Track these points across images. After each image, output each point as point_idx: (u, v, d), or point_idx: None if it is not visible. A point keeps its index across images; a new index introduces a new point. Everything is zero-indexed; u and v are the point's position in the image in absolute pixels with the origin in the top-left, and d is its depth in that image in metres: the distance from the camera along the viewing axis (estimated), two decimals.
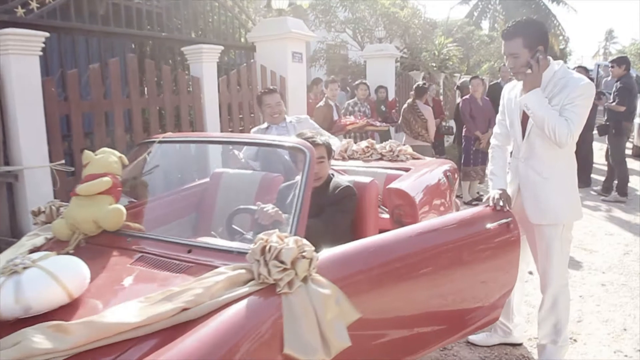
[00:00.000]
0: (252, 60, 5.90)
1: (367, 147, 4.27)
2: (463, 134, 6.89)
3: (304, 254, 1.94)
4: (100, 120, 4.17)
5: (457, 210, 4.21)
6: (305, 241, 2.01)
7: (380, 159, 4.21)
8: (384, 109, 8.88)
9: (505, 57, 2.64)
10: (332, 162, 3.93)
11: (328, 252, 2.12)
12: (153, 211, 2.75)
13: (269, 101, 3.88)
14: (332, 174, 2.99)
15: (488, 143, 6.58)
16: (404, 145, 4.38)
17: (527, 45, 2.52)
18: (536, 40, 2.52)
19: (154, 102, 4.64)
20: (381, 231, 2.61)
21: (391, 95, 9.39)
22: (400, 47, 11.07)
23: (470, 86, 6.80)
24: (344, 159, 4.34)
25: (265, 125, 3.99)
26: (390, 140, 4.32)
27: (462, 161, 6.84)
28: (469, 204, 6.62)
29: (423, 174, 3.58)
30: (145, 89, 4.71)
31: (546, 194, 2.65)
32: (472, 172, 6.73)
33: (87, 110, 4.12)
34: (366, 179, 3.07)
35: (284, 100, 6.15)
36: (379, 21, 10.02)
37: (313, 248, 1.99)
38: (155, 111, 4.66)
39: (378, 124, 7.35)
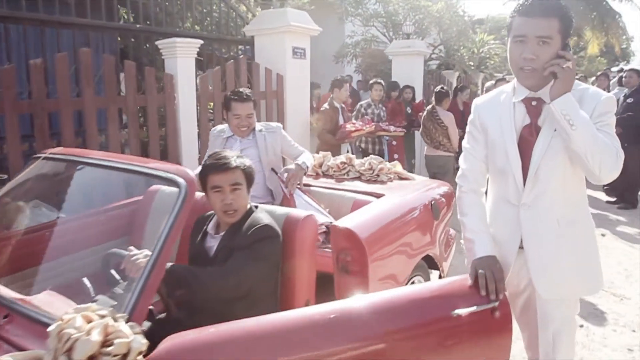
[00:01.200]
0: (240, 55, 5.29)
1: (344, 162, 3.58)
2: None
3: (110, 349, 1.33)
4: (43, 122, 3.68)
5: (450, 246, 3.50)
6: (125, 328, 1.39)
7: (358, 177, 3.52)
8: (409, 111, 8.11)
9: (518, 42, 1.74)
10: (305, 178, 3.34)
11: (179, 340, 1.48)
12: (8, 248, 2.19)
13: (239, 111, 3.24)
14: (254, 207, 2.34)
15: None
16: (391, 162, 3.67)
17: (563, 30, 1.72)
18: (570, 27, 1.76)
19: (113, 103, 4.12)
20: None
21: (418, 95, 8.58)
22: (434, 44, 10.20)
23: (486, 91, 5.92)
24: (317, 175, 3.68)
25: (228, 132, 3.37)
26: (371, 156, 3.61)
27: None
28: None
29: (394, 204, 2.86)
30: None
31: (567, 255, 1.85)
32: None
33: (26, 111, 3.64)
34: (302, 214, 2.40)
35: (280, 101, 5.58)
36: (409, 15, 9.20)
37: (132, 338, 1.37)
38: (113, 113, 4.13)
39: (393, 129, 6.61)
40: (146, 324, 1.85)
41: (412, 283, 2.85)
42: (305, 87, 5.97)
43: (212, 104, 5.04)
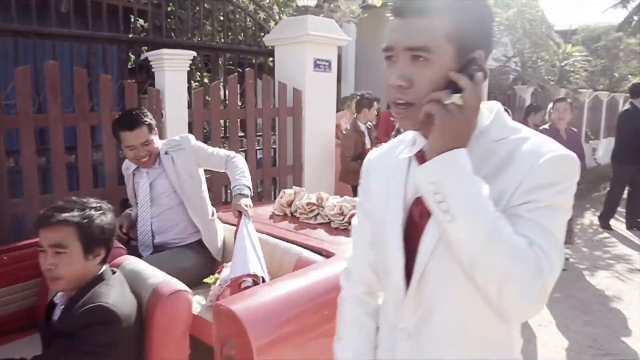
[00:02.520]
0: (247, 69, 4.75)
1: (311, 204, 2.88)
2: None
3: None
4: None
5: None
6: None
7: (328, 223, 2.81)
8: None
9: (388, 60, 1.01)
10: (258, 224, 2.69)
11: None
12: None
13: (131, 141, 2.68)
14: (111, 272, 1.78)
15: None
16: None
17: (458, 36, 0.95)
18: (477, 28, 0.98)
19: (85, 119, 3.72)
20: None
21: None
22: (506, 55, 9.10)
23: (552, 111, 4.90)
24: (284, 215, 3.02)
25: (133, 166, 2.84)
26: (345, 197, 2.88)
27: None
28: None
29: (328, 274, 2.12)
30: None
31: None
32: None
33: None
34: (171, 287, 1.79)
35: (297, 119, 4.92)
36: None
37: None
38: (85, 130, 3.72)
39: None
40: None
41: None
42: (329, 104, 5.31)
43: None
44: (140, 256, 2.79)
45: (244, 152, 4.90)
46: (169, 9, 4.98)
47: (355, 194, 5.27)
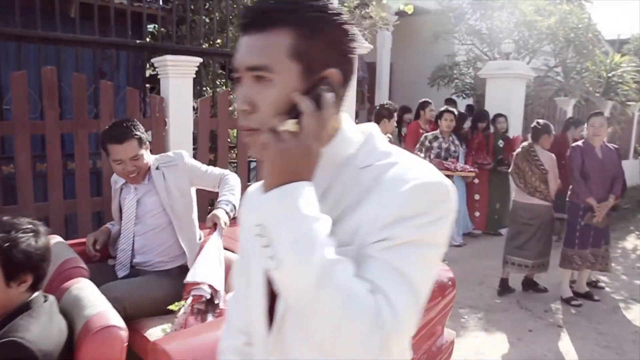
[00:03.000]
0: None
1: None
2: (567, 198, 4.59)
3: None
4: None
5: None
6: None
7: None
8: (501, 144, 6.78)
9: (238, 83, 0.90)
10: (233, 242, 2.49)
11: None
12: None
13: (118, 155, 2.49)
14: (43, 298, 1.61)
15: (606, 217, 4.32)
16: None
17: (299, 55, 0.83)
18: (325, 49, 0.85)
19: (82, 127, 3.61)
20: None
21: (517, 127, 7.17)
22: (548, 65, 8.60)
23: (587, 126, 4.48)
24: None
25: (121, 180, 2.67)
26: None
27: (564, 240, 4.58)
28: (574, 299, 4.44)
29: None
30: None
31: None
32: (577, 259, 4.42)
33: None
34: (106, 320, 1.59)
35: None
36: (513, 32, 7.78)
37: None
38: (83, 137, 3.62)
39: (461, 167, 5.43)
40: None
41: None
42: (347, 114, 5.06)
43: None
44: (116, 276, 2.62)
45: (255, 161, 4.72)
46: (182, 14, 4.85)
47: None
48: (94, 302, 1.75)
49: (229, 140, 4.37)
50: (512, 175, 4.80)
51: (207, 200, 3.98)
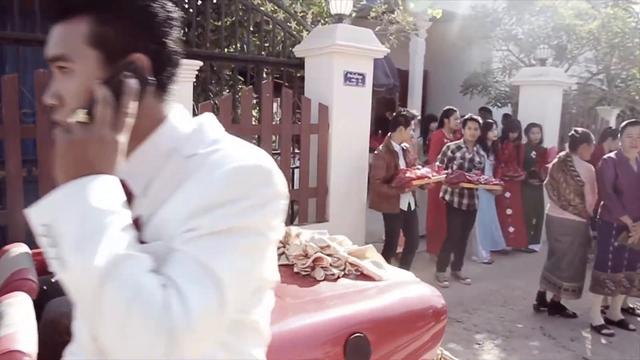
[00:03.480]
0: (263, 82, 4.38)
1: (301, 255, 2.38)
2: (598, 216, 4.16)
3: None
4: None
5: None
6: None
7: (292, 265, 2.33)
8: (533, 155, 6.35)
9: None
10: None
11: None
12: None
13: None
14: None
15: None
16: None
17: (98, 41, 0.80)
18: (129, 33, 0.81)
19: None
20: None
21: (552, 138, 6.72)
22: (591, 72, 8.08)
23: (621, 137, 4.05)
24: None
25: None
26: (316, 232, 2.37)
27: (595, 262, 4.15)
28: (606, 327, 4.02)
29: None
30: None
31: None
32: (609, 283, 3.99)
33: None
34: (6, 345, 1.42)
35: (322, 138, 4.43)
36: (551, 37, 7.33)
37: None
38: None
39: (485, 179, 5.07)
40: None
41: None
42: (362, 122, 4.82)
43: None
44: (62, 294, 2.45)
45: None
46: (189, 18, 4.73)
47: (387, 223, 4.71)
48: (11, 321, 1.58)
49: None
50: (546, 187, 4.43)
51: None
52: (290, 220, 4.53)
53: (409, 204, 4.68)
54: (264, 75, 5.22)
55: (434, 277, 5.28)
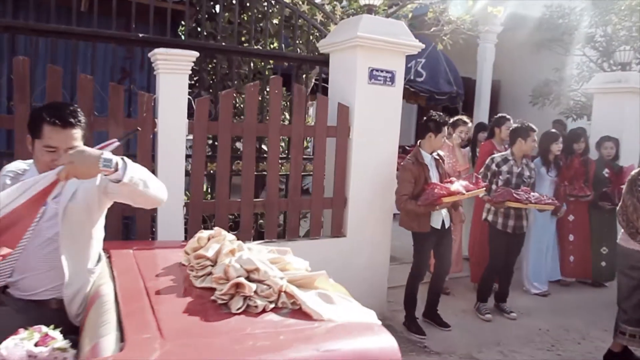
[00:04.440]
0: (272, 75, 3.92)
1: (203, 257, 1.93)
2: None
3: None
4: None
5: None
6: None
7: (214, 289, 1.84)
8: (606, 173, 5.44)
9: None
10: (125, 276, 1.84)
11: None
12: None
13: (56, 142, 1.99)
14: None
15: None
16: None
17: None
18: None
19: None
20: None
21: (631, 155, 5.75)
22: None
23: None
24: (184, 266, 2.13)
25: (34, 171, 2.11)
26: (242, 253, 1.85)
27: None
28: None
29: None
30: None
31: None
32: None
33: None
34: None
35: (341, 141, 3.85)
36: (634, 38, 6.33)
37: None
38: None
39: (535, 197, 4.31)
40: None
41: None
42: (391, 126, 4.23)
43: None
44: None
45: (262, 175, 4.10)
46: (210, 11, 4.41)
47: (416, 242, 4.09)
48: None
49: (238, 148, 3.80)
50: (617, 211, 3.64)
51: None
52: (283, 234, 4.04)
53: (443, 221, 4.03)
54: (303, 76, 4.79)
55: (474, 307, 4.58)
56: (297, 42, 4.63)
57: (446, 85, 8.60)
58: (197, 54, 3.47)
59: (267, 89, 4.09)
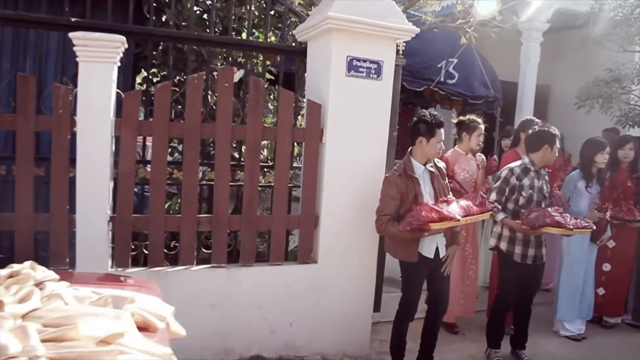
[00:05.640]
0: (221, 65, 3.26)
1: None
2: None
3: None
4: None
5: None
6: None
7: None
8: None
9: None
10: None
11: None
12: None
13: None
14: None
15: None
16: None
17: None
18: None
19: (27, 124, 2.76)
20: None
21: None
22: None
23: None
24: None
25: None
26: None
27: None
28: None
29: None
30: None
31: None
32: None
33: None
34: None
35: (311, 147, 3.06)
36: None
37: None
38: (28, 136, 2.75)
39: (573, 223, 3.39)
40: None
41: None
42: (377, 129, 3.47)
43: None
44: None
45: (206, 186, 3.45)
46: None
47: (403, 273, 3.29)
48: None
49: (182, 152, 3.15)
50: None
51: None
52: (236, 259, 3.34)
53: (437, 249, 3.21)
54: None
55: (484, 353, 3.73)
56: (288, 33, 3.98)
57: (482, 89, 7.67)
58: (123, 38, 2.86)
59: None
